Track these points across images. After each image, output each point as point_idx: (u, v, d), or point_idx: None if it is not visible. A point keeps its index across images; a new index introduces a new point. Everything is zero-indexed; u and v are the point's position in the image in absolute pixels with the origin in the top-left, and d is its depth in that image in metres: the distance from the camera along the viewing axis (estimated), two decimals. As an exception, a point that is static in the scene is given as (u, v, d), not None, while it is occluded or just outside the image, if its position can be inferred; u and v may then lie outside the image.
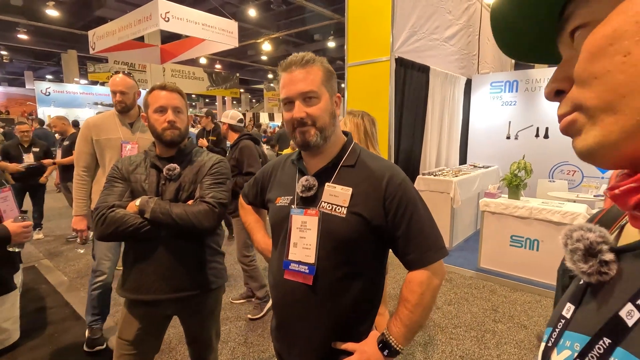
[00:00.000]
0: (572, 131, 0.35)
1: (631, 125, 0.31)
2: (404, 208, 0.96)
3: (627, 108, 0.30)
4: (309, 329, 1.00)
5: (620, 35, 0.30)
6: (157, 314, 1.43)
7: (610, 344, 0.32)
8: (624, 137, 0.31)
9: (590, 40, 0.32)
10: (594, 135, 0.33)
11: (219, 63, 17.14)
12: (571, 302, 0.40)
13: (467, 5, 5.08)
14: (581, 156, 0.35)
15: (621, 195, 0.33)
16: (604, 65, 0.31)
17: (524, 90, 5.12)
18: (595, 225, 0.38)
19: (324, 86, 0.97)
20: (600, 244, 0.36)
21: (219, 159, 1.47)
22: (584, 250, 0.36)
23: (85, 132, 2.22)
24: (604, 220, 0.43)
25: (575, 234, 0.37)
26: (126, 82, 2.23)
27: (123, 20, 6.52)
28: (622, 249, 0.35)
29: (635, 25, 0.30)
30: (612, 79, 0.31)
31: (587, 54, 0.33)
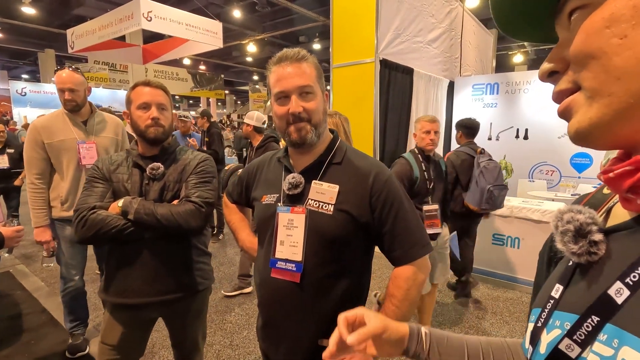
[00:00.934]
0: (569, 113, 0.36)
1: (623, 108, 0.31)
2: (390, 205, 0.97)
3: (620, 90, 0.31)
4: (296, 327, 1.00)
5: (617, 18, 0.31)
6: (141, 318, 1.40)
7: (599, 321, 0.33)
8: (616, 119, 0.32)
9: (588, 22, 0.33)
10: (589, 117, 0.33)
11: (204, 64, 16.94)
12: (560, 282, 0.41)
13: (450, 9, 5.18)
14: (576, 137, 0.36)
15: (615, 178, 0.34)
16: (600, 46, 0.32)
17: (504, 93, 5.25)
18: (585, 207, 0.39)
19: (317, 82, 0.97)
20: (590, 225, 0.37)
21: (204, 157, 1.44)
22: (574, 232, 0.37)
23: (35, 136, 2.02)
24: (592, 202, 0.44)
25: (566, 215, 0.38)
26: (74, 79, 2.05)
27: (103, 19, 6.37)
28: (611, 229, 0.37)
29: (633, 10, 0.30)
30: (608, 61, 0.31)
31: (585, 35, 0.33)
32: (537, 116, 4.95)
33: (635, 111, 0.31)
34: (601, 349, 0.32)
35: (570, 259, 0.40)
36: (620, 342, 0.30)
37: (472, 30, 6.21)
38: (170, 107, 1.40)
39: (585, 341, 0.33)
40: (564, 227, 0.38)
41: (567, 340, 0.35)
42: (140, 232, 1.25)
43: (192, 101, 26.24)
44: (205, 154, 1.47)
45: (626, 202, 0.35)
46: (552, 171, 5.01)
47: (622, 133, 0.33)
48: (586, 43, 0.33)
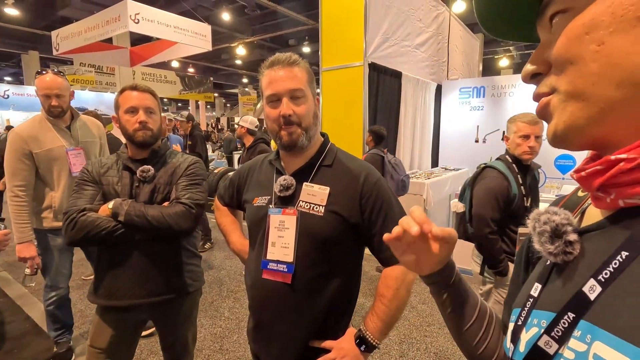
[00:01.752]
0: (547, 115, 0.38)
1: (596, 113, 0.33)
2: (380, 206, 0.99)
3: (593, 96, 0.33)
4: (287, 328, 1.01)
5: (596, 24, 0.32)
6: (131, 320, 1.39)
7: (574, 318, 0.34)
8: (590, 123, 0.34)
9: (570, 27, 0.34)
10: (564, 120, 0.35)
11: (192, 67, 16.81)
12: (538, 281, 0.42)
13: (437, 13, 5.27)
14: (553, 140, 0.37)
15: (587, 177, 0.35)
16: (578, 52, 0.33)
17: (490, 96, 5.36)
18: (560, 209, 0.40)
19: (309, 86, 0.99)
20: (565, 225, 0.38)
21: (194, 159, 1.45)
22: (551, 232, 0.39)
23: (21, 146, 1.89)
24: (567, 205, 0.46)
25: (542, 217, 0.40)
26: (61, 84, 1.95)
27: (89, 21, 6.27)
28: (585, 229, 0.38)
29: (611, 16, 0.31)
30: (585, 67, 0.33)
31: (565, 39, 0.34)
32: (522, 119, 5.06)
33: (607, 116, 0.33)
34: (576, 344, 0.33)
35: (547, 259, 0.41)
36: (593, 337, 0.31)
37: (459, 35, 6.33)
38: (158, 110, 1.41)
39: (562, 338, 0.34)
40: (540, 228, 0.39)
41: (546, 337, 0.36)
42: (130, 234, 1.25)
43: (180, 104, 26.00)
44: (195, 157, 1.48)
45: (597, 201, 0.37)
46: (537, 173, 5.12)
47: (595, 135, 0.35)
48: (566, 48, 0.34)
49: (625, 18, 0.31)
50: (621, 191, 0.33)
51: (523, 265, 0.52)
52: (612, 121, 0.33)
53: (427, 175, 4.60)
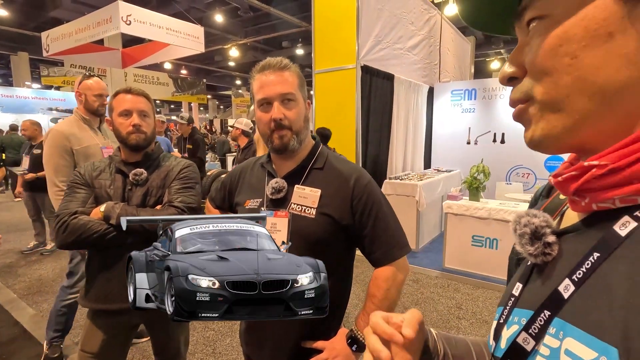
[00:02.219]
0: (523, 120, 0.39)
1: (571, 123, 0.35)
2: (370, 208, 1.00)
3: (568, 107, 0.34)
4: (279, 329, 1.02)
5: (569, 38, 0.33)
6: (123, 324, 1.38)
7: (549, 315, 0.35)
8: (564, 131, 0.35)
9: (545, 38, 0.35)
10: (541, 128, 0.37)
11: (185, 68, 16.73)
12: (520, 281, 0.43)
13: (428, 17, 5.33)
14: (530, 145, 0.39)
15: (563, 182, 0.37)
16: (553, 64, 0.34)
17: (481, 98, 5.42)
18: (540, 211, 0.42)
19: (299, 90, 1.01)
20: (544, 227, 0.40)
21: (187, 163, 1.45)
22: (531, 234, 0.40)
23: (63, 143, 1.98)
24: (549, 207, 0.47)
25: (523, 219, 0.41)
26: (105, 86, 2.21)
27: (80, 22, 6.22)
28: (563, 231, 0.40)
29: (584, 30, 0.32)
30: (559, 79, 0.34)
31: (540, 50, 0.35)
32: (513, 121, 5.12)
33: (581, 125, 0.34)
34: (550, 341, 0.34)
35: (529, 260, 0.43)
36: (565, 333, 0.33)
37: (451, 38, 6.40)
38: (152, 114, 1.41)
39: (539, 335, 0.36)
40: (521, 230, 0.41)
41: (524, 334, 0.37)
42: (122, 237, 1.24)
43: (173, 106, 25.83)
44: (188, 160, 1.48)
45: (573, 204, 0.39)
46: (527, 174, 5.20)
47: (570, 143, 0.37)
48: (541, 59, 0.35)
49: (598, 33, 0.32)
50: (594, 196, 0.35)
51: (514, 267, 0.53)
52: (586, 130, 0.35)
53: (420, 177, 4.63)
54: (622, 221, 0.33)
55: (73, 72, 10.72)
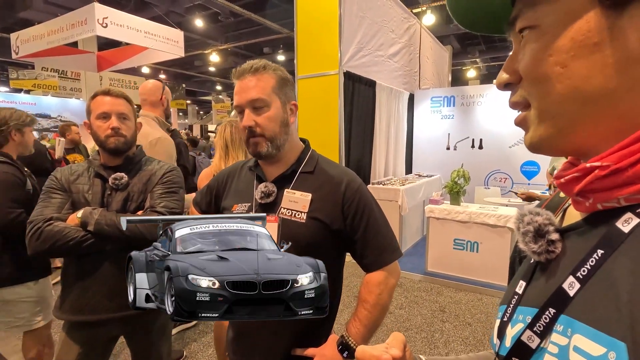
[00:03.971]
0: (524, 126, 0.41)
1: (566, 127, 0.36)
2: (362, 213, 0.99)
3: (562, 114, 0.36)
4: (268, 338, 0.99)
5: (558, 48, 0.34)
6: (101, 336, 1.31)
7: (555, 313, 0.35)
8: (561, 135, 0.37)
9: (537, 48, 0.36)
10: (539, 133, 0.38)
11: (164, 73, 16.41)
12: (523, 279, 0.44)
13: (408, 25, 5.46)
14: (530, 148, 0.41)
15: (566, 183, 0.38)
16: (545, 73, 0.36)
17: (460, 105, 5.58)
18: (542, 209, 0.42)
19: (275, 94, 0.97)
20: (547, 225, 0.40)
21: (171, 167, 1.41)
22: (534, 232, 0.40)
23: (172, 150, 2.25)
24: (550, 206, 0.48)
25: (526, 218, 0.41)
26: None
27: (53, 24, 6.00)
28: (566, 229, 0.40)
29: (571, 42, 0.34)
30: (552, 87, 0.35)
31: (533, 59, 0.37)
32: (490, 127, 5.31)
33: (576, 129, 0.36)
34: (558, 338, 0.34)
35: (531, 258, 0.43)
36: (573, 330, 0.33)
37: (429, 46, 6.57)
38: (132, 116, 1.37)
39: (544, 332, 0.36)
40: (525, 229, 0.41)
41: (529, 332, 0.37)
42: (100, 244, 1.19)
43: (150, 111, 25.19)
44: (172, 164, 1.44)
45: (576, 204, 0.39)
46: (504, 178, 5.36)
47: (568, 145, 0.38)
48: (533, 68, 0.37)
49: (584, 44, 0.33)
50: (598, 196, 0.35)
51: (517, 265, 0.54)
52: (582, 133, 0.36)
53: (402, 182, 4.69)
54: (625, 218, 0.33)
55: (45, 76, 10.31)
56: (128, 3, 8.63)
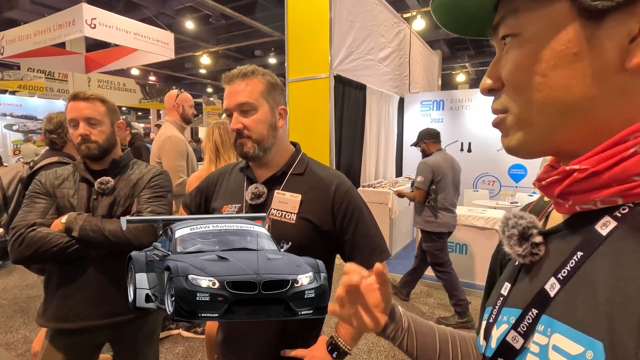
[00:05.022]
0: (501, 129, 0.42)
1: (544, 135, 0.37)
2: (351, 214, 1.00)
3: (541, 121, 0.37)
4: (258, 339, 0.99)
5: (539, 58, 0.35)
6: (85, 344, 1.28)
7: (537, 313, 0.36)
8: (539, 141, 0.38)
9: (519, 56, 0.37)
10: (517, 138, 0.39)
11: (154, 75, 16.26)
12: (508, 281, 0.45)
13: (398, 30, 5.51)
14: (507, 151, 0.42)
15: (547, 186, 0.39)
16: (525, 81, 0.36)
17: (449, 109, 5.65)
18: (526, 213, 0.43)
19: (263, 98, 0.98)
20: (531, 228, 0.41)
21: (159, 170, 1.39)
22: (519, 235, 0.41)
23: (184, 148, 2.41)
24: (534, 209, 0.49)
25: (510, 221, 0.42)
26: None
27: (40, 24, 5.91)
28: (548, 231, 0.41)
29: (552, 51, 0.34)
30: (532, 95, 0.36)
31: (514, 67, 0.37)
32: (479, 131, 5.38)
33: (554, 136, 0.37)
34: (539, 338, 0.35)
35: (516, 260, 0.44)
36: (552, 330, 0.34)
37: (419, 51, 6.65)
38: (106, 118, 1.29)
39: (527, 332, 0.37)
40: (509, 232, 0.42)
41: (513, 332, 0.38)
42: (85, 250, 1.17)
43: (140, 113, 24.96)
44: (160, 168, 1.42)
45: (558, 206, 0.40)
46: (493, 181, 5.44)
47: (545, 149, 0.39)
48: (514, 76, 0.38)
49: (564, 54, 0.34)
50: (577, 198, 0.36)
51: (498, 267, 0.55)
52: (560, 139, 0.37)
53: (392, 185, 4.72)
54: (603, 221, 0.35)
55: (31, 77, 10.11)
56: (117, 4, 8.55)
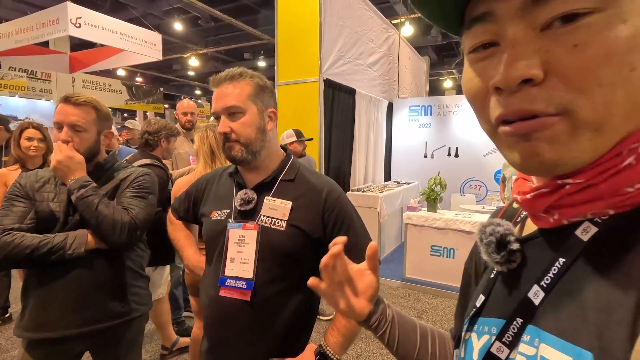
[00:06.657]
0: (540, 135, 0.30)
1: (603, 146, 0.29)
2: (342, 221, 0.99)
3: (610, 128, 0.29)
4: (245, 347, 0.97)
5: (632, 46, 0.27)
6: (65, 353, 1.23)
7: (522, 322, 0.35)
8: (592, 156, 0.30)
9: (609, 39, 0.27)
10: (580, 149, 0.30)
11: (140, 76, 16.03)
12: (483, 293, 0.43)
13: (387, 35, 5.57)
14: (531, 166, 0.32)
15: (532, 199, 0.35)
16: (611, 74, 0.27)
17: (437, 114, 5.73)
18: (503, 220, 0.42)
19: (251, 101, 0.97)
20: (508, 235, 0.40)
21: (143, 171, 1.35)
22: (496, 242, 0.40)
23: None
24: (506, 215, 0.48)
25: (488, 229, 0.41)
26: (194, 107, 3.11)
27: (22, 22, 5.75)
28: (525, 238, 0.40)
29: None
30: (613, 93, 0.28)
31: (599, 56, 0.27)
32: (466, 136, 5.47)
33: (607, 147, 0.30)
34: (525, 349, 0.34)
35: (492, 269, 0.43)
36: (540, 340, 0.33)
37: (408, 56, 6.73)
38: (93, 126, 1.24)
39: (513, 343, 0.35)
40: (487, 239, 0.41)
41: (498, 343, 0.37)
42: (59, 249, 1.12)
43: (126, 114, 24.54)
44: (145, 169, 1.38)
45: (536, 220, 0.38)
46: (479, 186, 5.52)
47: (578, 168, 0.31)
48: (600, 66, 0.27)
49: None
50: (566, 212, 0.34)
51: (473, 276, 0.53)
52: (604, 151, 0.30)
53: (381, 189, 4.74)
54: (584, 227, 0.33)
55: (12, 75, 9.84)
56: (104, 4, 8.41)
